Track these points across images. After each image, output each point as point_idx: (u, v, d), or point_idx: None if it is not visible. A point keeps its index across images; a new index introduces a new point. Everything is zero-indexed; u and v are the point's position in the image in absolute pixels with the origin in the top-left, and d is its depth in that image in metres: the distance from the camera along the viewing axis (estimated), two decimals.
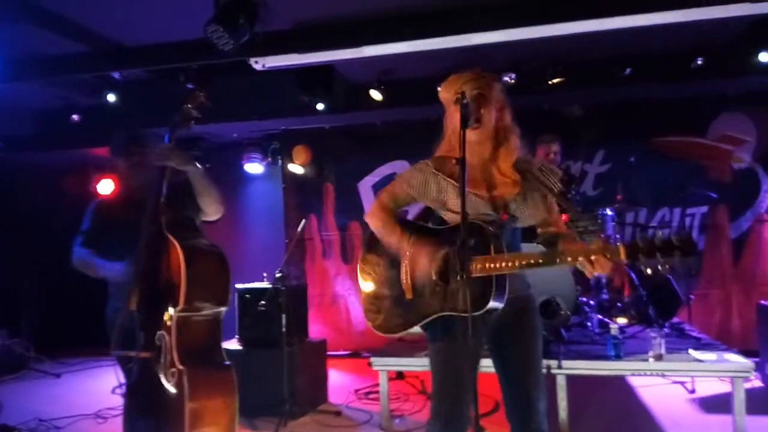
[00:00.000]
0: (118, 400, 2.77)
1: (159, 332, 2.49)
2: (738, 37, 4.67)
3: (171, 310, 2.47)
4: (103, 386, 4.41)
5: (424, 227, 2.16)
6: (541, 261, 1.87)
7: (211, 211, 2.72)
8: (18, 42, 4.22)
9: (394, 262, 2.14)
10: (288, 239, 6.39)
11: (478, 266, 1.91)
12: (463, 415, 1.97)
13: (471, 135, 1.90)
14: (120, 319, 2.65)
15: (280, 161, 6.59)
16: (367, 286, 2.21)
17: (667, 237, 1.70)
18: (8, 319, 6.31)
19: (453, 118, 2.04)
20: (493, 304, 1.91)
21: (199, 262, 2.52)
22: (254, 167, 6.61)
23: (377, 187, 6.25)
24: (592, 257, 1.78)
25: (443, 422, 2.00)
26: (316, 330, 5.89)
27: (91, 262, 2.73)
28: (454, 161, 2.01)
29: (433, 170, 2.10)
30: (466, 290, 1.76)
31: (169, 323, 2.47)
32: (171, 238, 2.50)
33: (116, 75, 5.11)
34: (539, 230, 2.11)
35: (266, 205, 6.77)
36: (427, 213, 2.27)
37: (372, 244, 2.22)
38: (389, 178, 6.22)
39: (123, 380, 2.68)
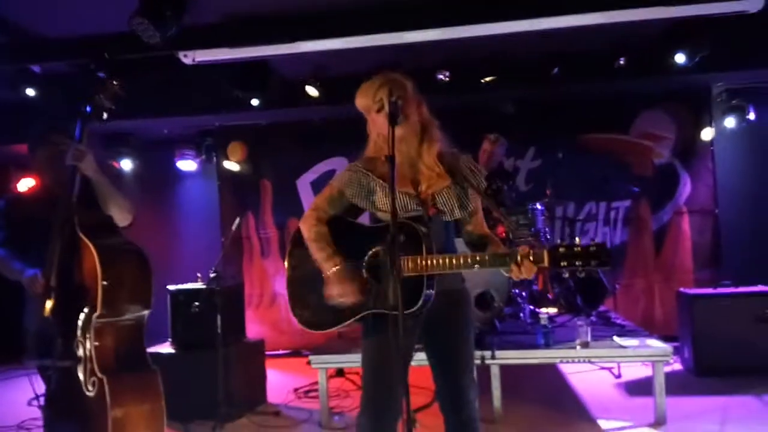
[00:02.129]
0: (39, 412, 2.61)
1: (77, 339, 2.37)
2: (657, 38, 4.89)
3: (88, 316, 2.34)
4: (24, 396, 4.14)
5: (356, 225, 2.15)
6: (470, 263, 1.91)
7: (118, 218, 2.62)
8: None
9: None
10: (224, 238, 6.22)
11: (410, 265, 1.92)
12: (392, 409, 1.97)
13: (397, 132, 1.91)
14: (35, 326, 2.50)
15: (214, 158, 6.41)
16: (294, 281, 2.17)
17: (586, 246, 1.81)
18: None
19: (376, 122, 2.05)
20: (423, 302, 1.92)
21: (116, 263, 2.41)
22: (187, 164, 6.41)
23: (315, 185, 6.18)
24: (519, 262, 1.84)
25: (373, 416, 2.01)
26: (255, 330, 5.77)
27: (6, 263, 2.58)
28: (382, 159, 2.02)
29: (363, 170, 2.11)
30: (397, 289, 1.76)
31: (86, 330, 2.34)
32: (84, 238, 2.37)
33: (36, 68, 4.82)
34: (465, 228, 2.12)
35: (201, 204, 6.57)
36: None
37: (299, 240, 2.18)
38: (328, 175, 6.18)
39: (40, 391, 2.53)
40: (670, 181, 5.94)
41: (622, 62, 5.10)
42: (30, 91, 4.90)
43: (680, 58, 4.81)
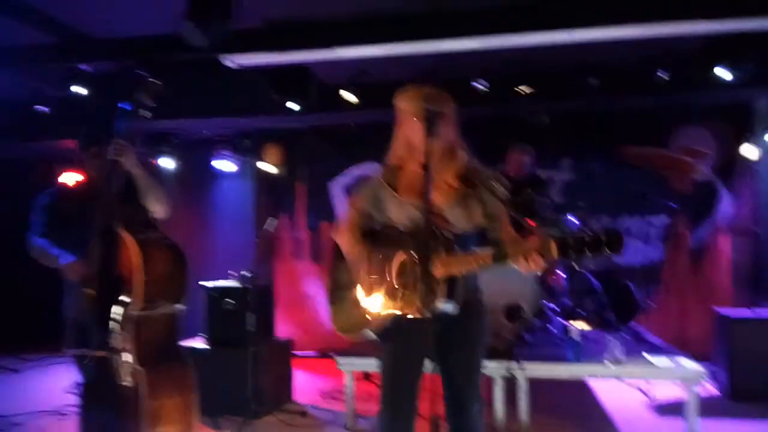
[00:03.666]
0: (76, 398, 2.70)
1: (114, 330, 2.44)
2: (699, 51, 4.79)
3: (126, 308, 2.42)
4: (63, 383, 4.29)
5: (384, 232, 2.20)
6: (483, 261, 1.94)
7: (155, 210, 2.70)
8: None
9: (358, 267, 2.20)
10: (258, 238, 6.32)
11: (446, 264, 1.96)
12: (409, 409, 2.07)
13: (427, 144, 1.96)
14: (74, 316, 2.59)
15: (251, 160, 6.52)
16: (333, 290, 2.29)
17: (596, 233, 1.74)
18: None
19: (410, 128, 2.08)
20: (444, 307, 1.97)
21: (154, 257, 2.49)
22: (225, 165, 6.53)
23: (349, 189, 6.24)
24: (528, 254, 1.84)
25: (391, 415, 2.09)
26: (284, 329, 5.83)
27: (45, 251, 2.68)
28: (408, 170, 2.11)
29: (381, 182, 2.17)
30: (420, 292, 1.86)
31: (124, 321, 2.42)
32: (125, 232, 2.45)
33: (86, 67, 4.99)
34: (492, 238, 2.14)
35: (237, 204, 6.68)
36: None
37: (340, 253, 2.30)
38: (361, 179, 6.23)
39: (79, 378, 2.62)
40: (709, 198, 5.80)
41: (661, 75, 5.01)
42: (77, 89, 5.08)
43: (722, 73, 4.70)
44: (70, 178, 5.77)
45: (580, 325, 4.54)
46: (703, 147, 5.81)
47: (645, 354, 3.77)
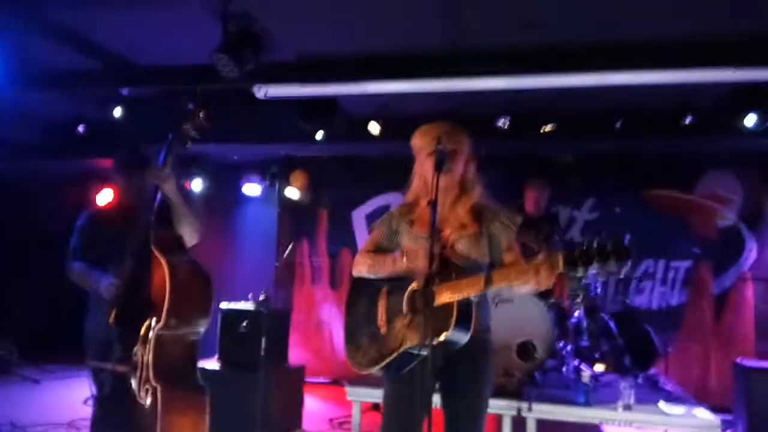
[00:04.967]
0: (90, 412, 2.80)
1: (136, 347, 2.54)
2: (726, 98, 4.80)
3: (151, 326, 2.51)
4: (80, 396, 4.41)
5: None
6: (476, 286, 1.94)
7: (187, 237, 2.78)
8: (31, 53, 4.35)
9: (374, 301, 2.24)
10: (278, 263, 6.44)
11: (444, 290, 1.99)
12: None
13: (440, 180, 2.01)
14: (98, 331, 2.69)
15: (277, 185, 6.69)
16: (350, 326, 2.31)
17: (602, 244, 1.73)
18: None
19: (424, 165, 2.15)
20: (454, 334, 1.97)
21: (184, 280, 2.56)
22: (252, 189, 6.70)
23: (370, 218, 6.33)
24: (538, 271, 1.84)
25: None
26: (297, 355, 5.90)
27: (87, 274, 2.75)
28: (418, 204, 2.14)
29: (397, 215, 2.24)
30: (430, 320, 1.87)
31: (147, 339, 2.51)
32: (159, 254, 2.56)
33: (124, 91, 5.24)
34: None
35: (260, 228, 6.83)
36: None
37: (356, 286, 2.34)
38: (383, 210, 6.33)
39: (94, 392, 2.71)
40: (734, 245, 5.73)
41: (688, 120, 5.02)
42: (117, 111, 5.32)
43: (750, 121, 4.70)
44: (106, 196, 6.02)
45: (596, 368, 4.51)
46: (729, 193, 5.77)
47: (661, 402, 3.71)
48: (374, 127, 5.46)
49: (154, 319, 2.49)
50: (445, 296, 1.98)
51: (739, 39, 3.92)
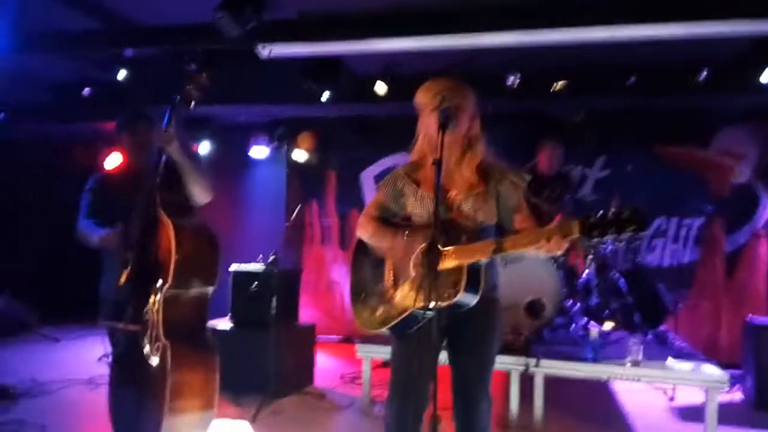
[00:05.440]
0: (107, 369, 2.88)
1: (147, 307, 2.59)
2: (743, 53, 4.66)
3: (159, 287, 2.55)
4: (94, 355, 4.54)
5: (406, 225, 2.23)
6: (483, 252, 1.95)
7: (198, 196, 2.79)
8: (32, 15, 4.30)
9: (380, 261, 2.24)
10: (287, 224, 6.48)
11: (452, 254, 1.99)
12: (418, 399, 2.10)
13: (444, 138, 1.98)
14: (111, 292, 2.74)
15: (285, 147, 6.67)
16: (355, 285, 2.32)
17: (619, 210, 1.70)
18: (14, 282, 6.46)
19: (428, 121, 2.12)
20: (464, 297, 1.98)
21: (189, 241, 2.59)
22: (260, 151, 6.68)
23: (379, 178, 6.32)
24: (550, 238, 1.81)
25: (400, 404, 2.14)
26: (309, 314, 6.00)
27: (87, 232, 2.80)
28: (424, 163, 2.11)
29: (402, 174, 2.22)
30: (435, 283, 1.87)
31: (156, 299, 2.56)
32: (164, 216, 2.58)
33: (128, 52, 5.19)
34: (513, 228, 2.16)
35: (269, 190, 6.85)
36: None
37: (361, 247, 2.33)
38: (391, 170, 6.28)
39: (110, 350, 2.78)
40: (749, 202, 5.66)
41: (703, 76, 4.89)
42: (122, 73, 5.28)
43: (766, 77, 4.57)
44: (114, 160, 6.05)
45: (605, 326, 4.55)
46: (744, 149, 5.66)
47: (670, 358, 3.74)
48: (381, 87, 5.38)
49: (162, 279, 2.52)
50: (454, 259, 1.98)
51: None
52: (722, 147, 5.72)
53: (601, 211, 1.72)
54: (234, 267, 4.41)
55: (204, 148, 6.57)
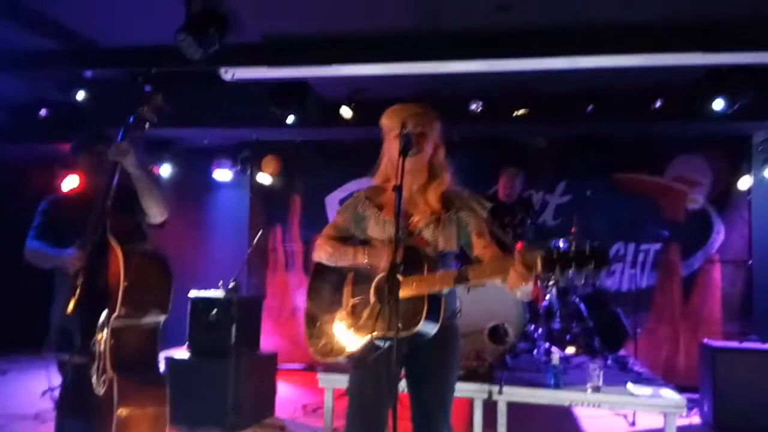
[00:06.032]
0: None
1: (94, 337, 2.46)
2: (696, 82, 4.84)
3: (108, 315, 2.44)
4: (42, 387, 4.30)
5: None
6: (445, 282, 1.92)
7: (153, 213, 2.70)
8: None
9: (339, 287, 2.19)
10: (250, 249, 6.35)
11: (413, 284, 1.95)
12: (377, 430, 2.04)
13: (407, 163, 1.95)
14: (58, 320, 2.61)
15: (249, 170, 6.57)
16: (311, 312, 2.25)
17: (580, 248, 1.71)
18: None
19: (391, 146, 2.10)
20: (424, 326, 1.95)
21: (139, 267, 2.50)
22: (223, 174, 6.57)
23: (344, 203, 6.26)
24: (511, 270, 1.80)
25: None
26: (271, 342, 5.85)
27: (43, 251, 2.67)
28: (386, 188, 2.08)
29: (364, 198, 2.18)
30: (398, 312, 1.82)
31: (104, 329, 2.44)
32: (113, 241, 2.48)
33: (88, 73, 5.07)
34: (474, 255, 2.13)
35: (232, 214, 6.72)
36: None
37: (319, 270, 2.27)
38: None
39: (54, 383, 2.63)
40: (703, 227, 5.80)
41: (658, 104, 5.04)
42: (80, 95, 5.16)
43: (719, 105, 4.73)
44: (71, 182, 5.85)
45: (567, 350, 4.55)
46: (698, 176, 5.83)
47: (629, 383, 3.75)
48: (346, 112, 5.38)
49: (110, 308, 2.41)
50: (414, 288, 1.95)
51: (709, 23, 3.92)
52: (677, 174, 5.88)
53: (561, 246, 1.74)
54: (193, 293, 4.27)
55: (165, 170, 6.43)
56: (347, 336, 2.10)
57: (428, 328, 1.97)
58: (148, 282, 2.54)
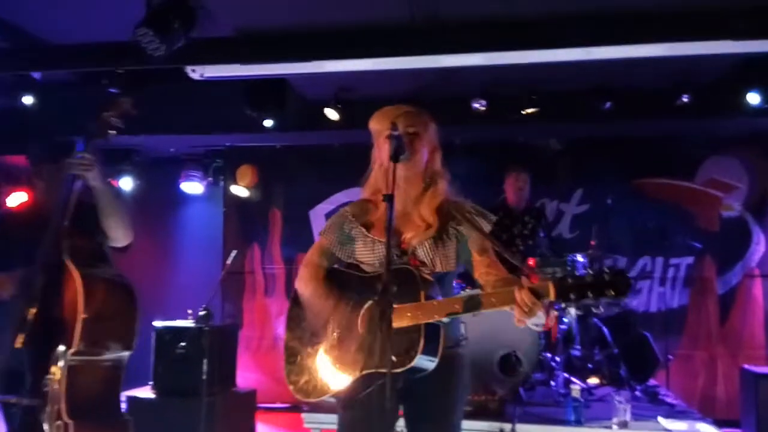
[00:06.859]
0: None
1: (47, 377, 2.45)
2: (726, 75, 4.89)
3: (63, 352, 2.43)
4: None
5: (353, 275, 2.20)
6: (452, 309, 1.92)
7: (117, 236, 2.70)
8: None
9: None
10: (223, 272, 6.35)
11: (408, 314, 1.94)
12: None
13: (400, 170, 1.96)
14: (4, 358, 2.60)
15: (222, 182, 6.59)
16: (293, 344, 2.22)
17: (599, 273, 1.72)
18: None
19: (381, 152, 2.11)
20: (420, 361, 1.94)
21: (101, 296, 2.49)
22: (193, 187, 6.59)
23: (329, 219, 6.28)
24: (519, 299, 1.80)
25: None
26: (250, 378, 5.83)
27: None
28: (378, 204, 2.09)
29: (350, 217, 2.18)
30: (388, 344, 1.79)
31: (59, 367, 2.43)
32: (71, 265, 2.48)
33: (36, 75, 5.09)
34: (475, 275, 2.14)
35: (204, 232, 6.73)
36: None
37: (298, 299, 2.27)
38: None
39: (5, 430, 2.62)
40: (740, 237, 5.85)
41: (685, 100, 5.09)
42: (28, 100, 5.17)
43: (753, 99, 4.80)
44: (17, 197, 5.82)
45: (589, 381, 4.56)
46: (733, 179, 5.89)
47: (660, 417, 3.77)
48: (332, 113, 5.42)
49: (65, 343, 2.41)
50: (411, 317, 1.94)
51: (739, 7, 3.98)
52: (708, 177, 5.93)
53: (581, 260, 1.77)
54: (158, 323, 4.26)
55: (126, 183, 6.43)
56: (332, 372, 2.09)
57: (424, 363, 1.96)
58: (111, 313, 2.53)
